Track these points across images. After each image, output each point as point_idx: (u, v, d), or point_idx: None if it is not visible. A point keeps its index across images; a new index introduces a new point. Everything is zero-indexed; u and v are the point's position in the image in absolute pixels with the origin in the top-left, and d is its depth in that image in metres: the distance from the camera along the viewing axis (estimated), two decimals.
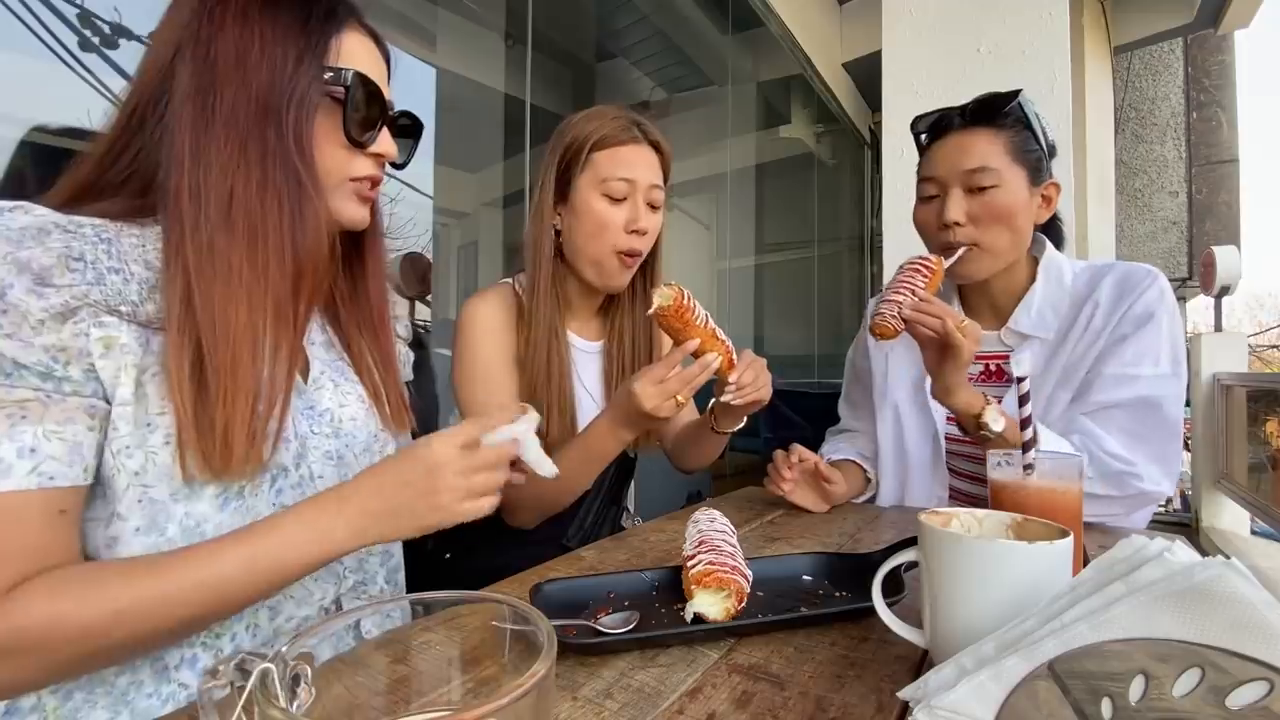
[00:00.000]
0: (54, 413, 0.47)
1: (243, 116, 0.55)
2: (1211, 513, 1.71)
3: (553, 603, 0.61)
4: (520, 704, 0.24)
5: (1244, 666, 0.29)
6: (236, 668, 0.28)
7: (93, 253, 0.49)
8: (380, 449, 0.72)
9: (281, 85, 0.56)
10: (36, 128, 0.93)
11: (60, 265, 0.47)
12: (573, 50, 3.45)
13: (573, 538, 1.02)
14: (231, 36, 0.55)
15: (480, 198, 3.06)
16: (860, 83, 4.10)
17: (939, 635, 0.47)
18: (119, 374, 0.50)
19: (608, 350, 1.08)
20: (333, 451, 0.65)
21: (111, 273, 0.50)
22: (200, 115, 0.54)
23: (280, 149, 0.56)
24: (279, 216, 0.56)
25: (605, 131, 0.94)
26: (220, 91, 0.54)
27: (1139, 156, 4.79)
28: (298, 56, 0.57)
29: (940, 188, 1.00)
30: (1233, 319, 8.54)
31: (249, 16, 0.56)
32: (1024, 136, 0.99)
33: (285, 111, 0.56)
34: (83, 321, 0.48)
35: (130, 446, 0.50)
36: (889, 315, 0.91)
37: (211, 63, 0.55)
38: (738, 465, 3.18)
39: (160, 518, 0.52)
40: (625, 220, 0.94)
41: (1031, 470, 0.62)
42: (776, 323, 4.69)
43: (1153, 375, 0.94)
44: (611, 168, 0.93)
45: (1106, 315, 0.98)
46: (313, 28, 0.58)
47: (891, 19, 2.14)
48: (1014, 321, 1.04)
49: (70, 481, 0.48)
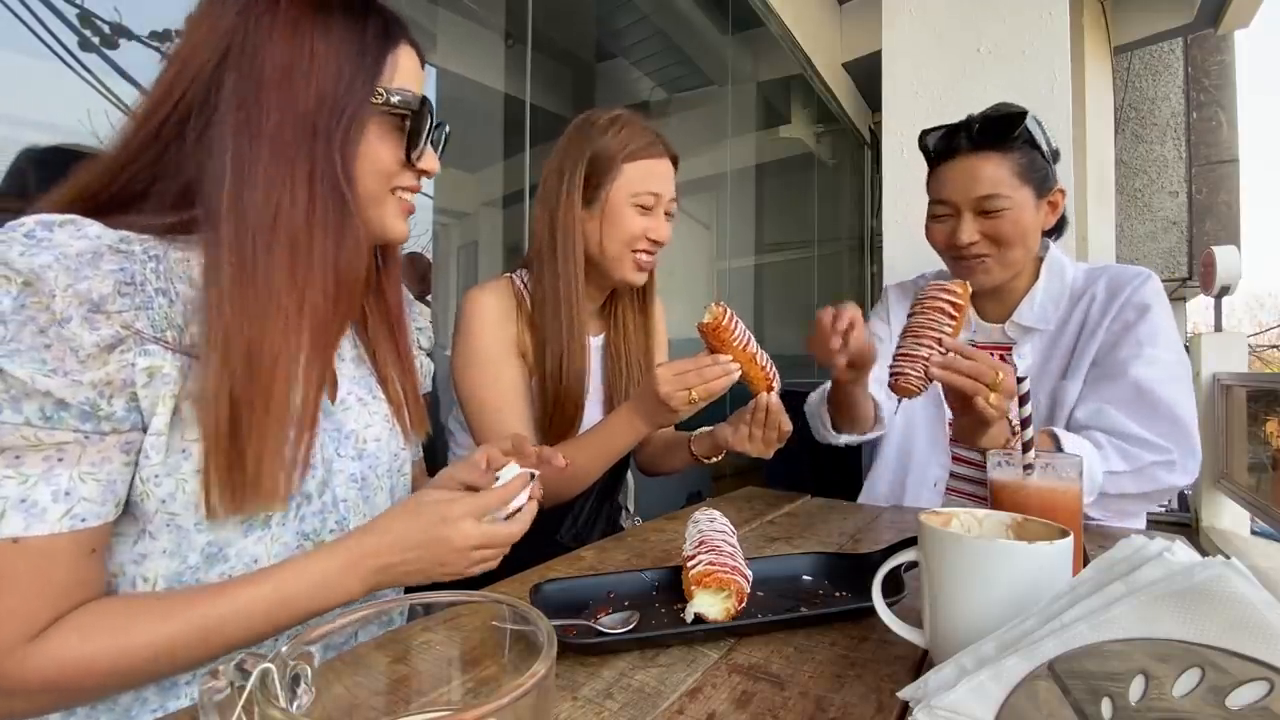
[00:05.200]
0: (90, 454, 0.47)
1: (289, 133, 0.53)
2: (1211, 513, 1.71)
3: (552, 603, 0.61)
4: (520, 704, 0.24)
5: (1244, 666, 0.29)
6: (236, 668, 0.28)
7: (142, 274, 0.49)
8: (400, 467, 0.72)
9: (333, 104, 0.55)
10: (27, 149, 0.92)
11: (114, 293, 0.47)
12: (573, 50, 3.44)
13: (565, 533, 1.03)
14: (281, 48, 0.53)
15: (480, 198, 3.07)
16: (860, 83, 4.09)
17: (939, 635, 0.47)
18: (157, 403, 0.49)
19: (608, 346, 1.10)
20: (357, 474, 0.65)
21: (159, 295, 0.50)
22: (244, 129, 0.52)
23: (327, 168, 0.55)
24: (323, 237, 0.55)
25: (637, 144, 0.97)
26: (266, 106, 0.53)
27: (1139, 156, 4.79)
28: (351, 76, 0.56)
29: (952, 209, 1.04)
30: (1233, 319, 8.54)
31: (300, 29, 0.54)
32: (1030, 156, 1.01)
33: (334, 131, 0.55)
34: (129, 350, 0.48)
35: (160, 475, 0.50)
36: (913, 375, 0.82)
37: (258, 75, 0.53)
38: (738, 465, 3.18)
39: (184, 545, 0.53)
40: (648, 228, 0.98)
41: (1032, 470, 0.62)
42: (776, 323, 4.68)
43: (1168, 358, 0.98)
44: (644, 181, 0.97)
45: (1103, 307, 1.03)
46: (368, 46, 0.57)
47: (891, 19, 2.14)
48: (1018, 315, 1.10)
49: (101, 520, 0.48)
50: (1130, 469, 0.93)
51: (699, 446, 1.04)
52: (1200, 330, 1.74)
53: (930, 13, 2.07)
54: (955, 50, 2.01)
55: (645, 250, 0.99)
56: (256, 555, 0.56)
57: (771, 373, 0.90)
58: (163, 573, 0.53)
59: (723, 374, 0.85)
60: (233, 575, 0.55)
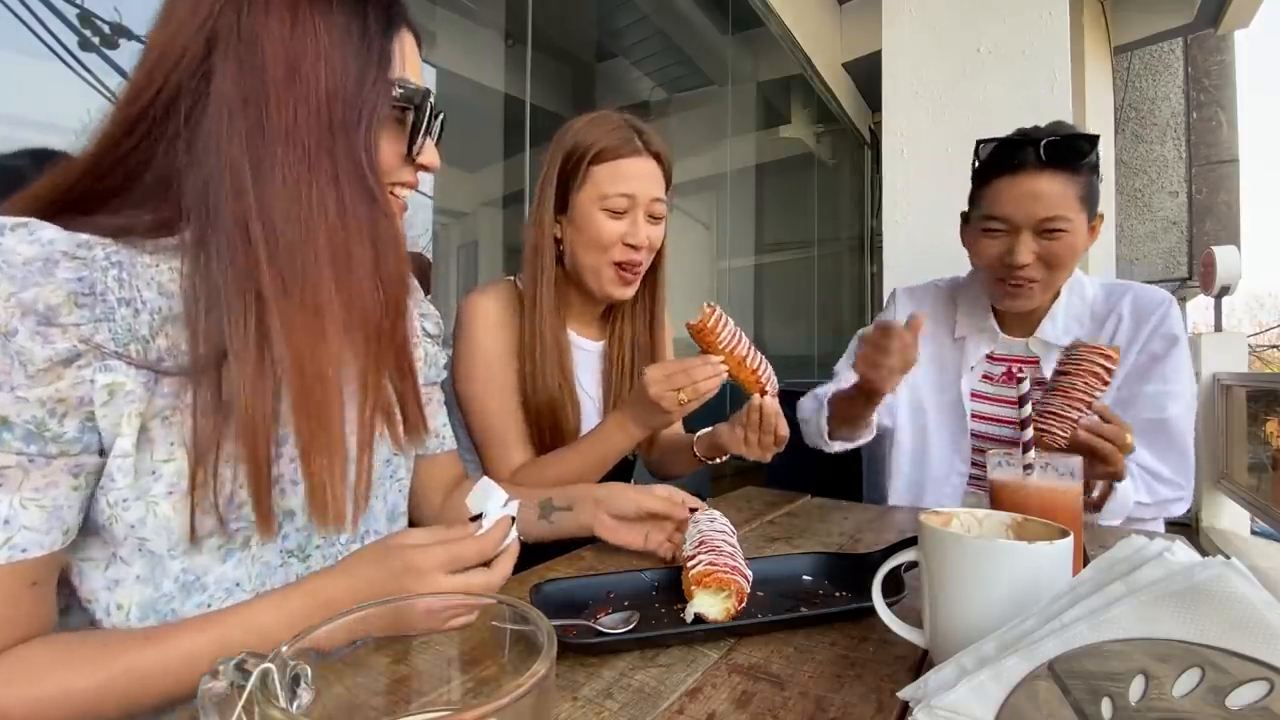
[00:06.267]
0: (34, 478, 0.43)
1: (305, 131, 0.49)
2: (1211, 513, 1.71)
3: (552, 603, 0.61)
4: (520, 704, 0.24)
5: (1244, 666, 0.29)
6: (236, 668, 0.28)
7: (103, 282, 0.45)
8: (393, 473, 0.68)
9: (346, 97, 0.51)
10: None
11: (68, 303, 0.43)
12: (573, 50, 3.44)
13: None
14: (281, 37, 0.49)
15: (480, 197, 3.06)
16: (860, 83, 4.09)
17: (939, 635, 0.47)
18: (120, 423, 0.45)
19: (608, 352, 1.08)
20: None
21: (122, 305, 0.46)
22: (256, 128, 0.48)
23: (351, 167, 0.51)
24: (361, 241, 0.51)
25: (605, 144, 0.92)
26: (274, 102, 0.48)
27: (1139, 156, 4.79)
28: (362, 68, 0.52)
29: (1010, 227, 1.01)
30: (1233, 319, 8.52)
31: (300, 15, 0.49)
32: (1092, 180, 1.00)
33: (355, 127, 0.51)
34: (87, 366, 0.44)
35: (129, 499, 0.47)
36: (1060, 435, 0.83)
37: (260, 66, 0.48)
38: (738, 465, 3.17)
39: (158, 571, 0.50)
40: (624, 234, 0.93)
41: (1032, 470, 0.62)
42: (776, 322, 4.69)
43: (1189, 393, 1.02)
44: (612, 183, 0.91)
45: (1131, 332, 1.05)
46: (373, 34, 0.53)
47: (891, 19, 2.14)
48: (1041, 331, 1.10)
49: (45, 549, 0.44)
50: (1152, 502, 0.98)
51: (701, 448, 1.03)
52: (1200, 330, 1.74)
53: (930, 13, 2.07)
54: (955, 50, 2.01)
55: (627, 261, 0.94)
56: (238, 579, 0.53)
57: (765, 375, 0.89)
58: (137, 600, 0.49)
59: (712, 374, 0.83)
60: (212, 605, 0.51)
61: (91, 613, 0.50)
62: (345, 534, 0.56)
